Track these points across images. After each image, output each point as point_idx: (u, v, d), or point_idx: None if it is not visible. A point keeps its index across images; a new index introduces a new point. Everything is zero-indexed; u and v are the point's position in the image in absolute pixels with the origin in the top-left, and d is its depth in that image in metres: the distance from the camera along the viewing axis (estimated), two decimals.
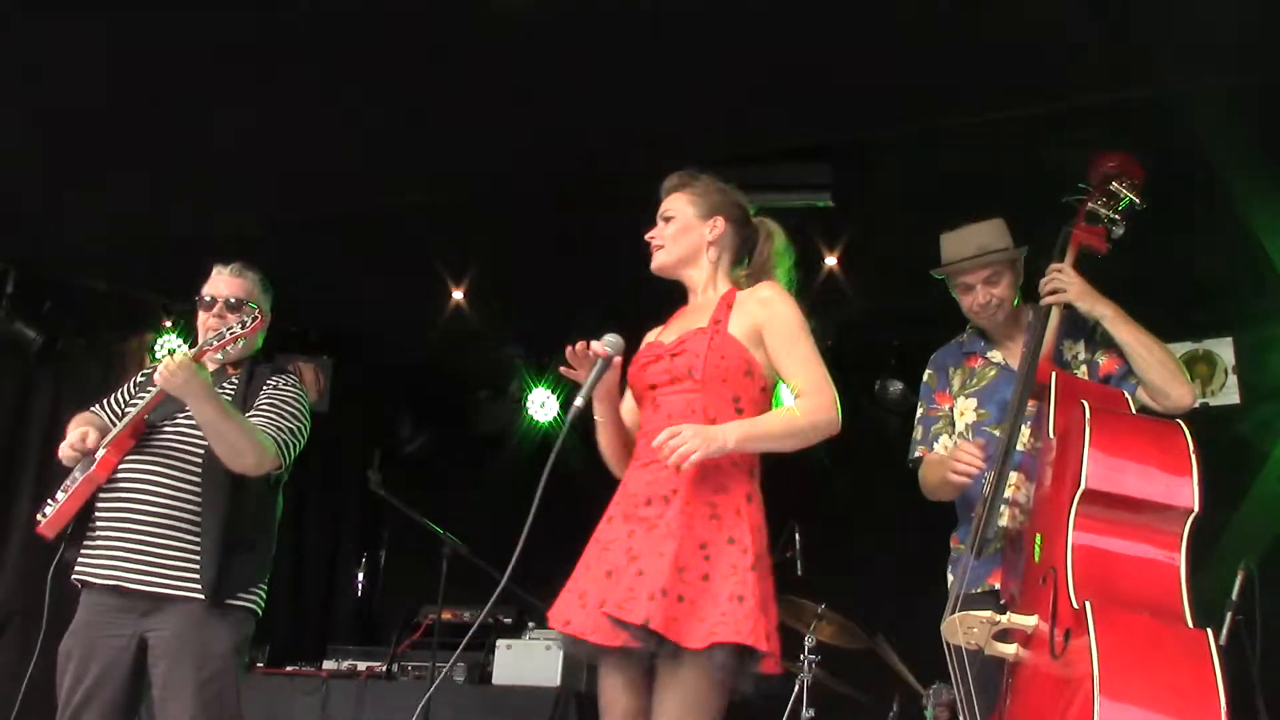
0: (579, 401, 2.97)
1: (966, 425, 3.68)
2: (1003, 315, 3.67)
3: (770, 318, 3.08)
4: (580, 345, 3.05)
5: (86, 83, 4.66)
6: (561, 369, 3.13)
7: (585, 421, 3.11)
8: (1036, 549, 2.99)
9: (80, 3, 4.20)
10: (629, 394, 3.26)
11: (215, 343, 3.54)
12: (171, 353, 3.57)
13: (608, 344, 3.05)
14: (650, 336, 3.31)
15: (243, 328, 3.56)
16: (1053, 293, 3.46)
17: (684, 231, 3.25)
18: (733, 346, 3.05)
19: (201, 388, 3.43)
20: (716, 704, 2.85)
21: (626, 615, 2.77)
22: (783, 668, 2.99)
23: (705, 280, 3.26)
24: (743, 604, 2.79)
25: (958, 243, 3.68)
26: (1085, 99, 4.43)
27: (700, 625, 2.78)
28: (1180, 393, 3.40)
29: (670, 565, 2.80)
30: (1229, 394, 6.25)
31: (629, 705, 2.94)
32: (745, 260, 3.32)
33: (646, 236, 3.30)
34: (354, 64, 4.50)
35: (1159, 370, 3.40)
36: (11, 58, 4.53)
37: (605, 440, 3.23)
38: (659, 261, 3.27)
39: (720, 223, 3.25)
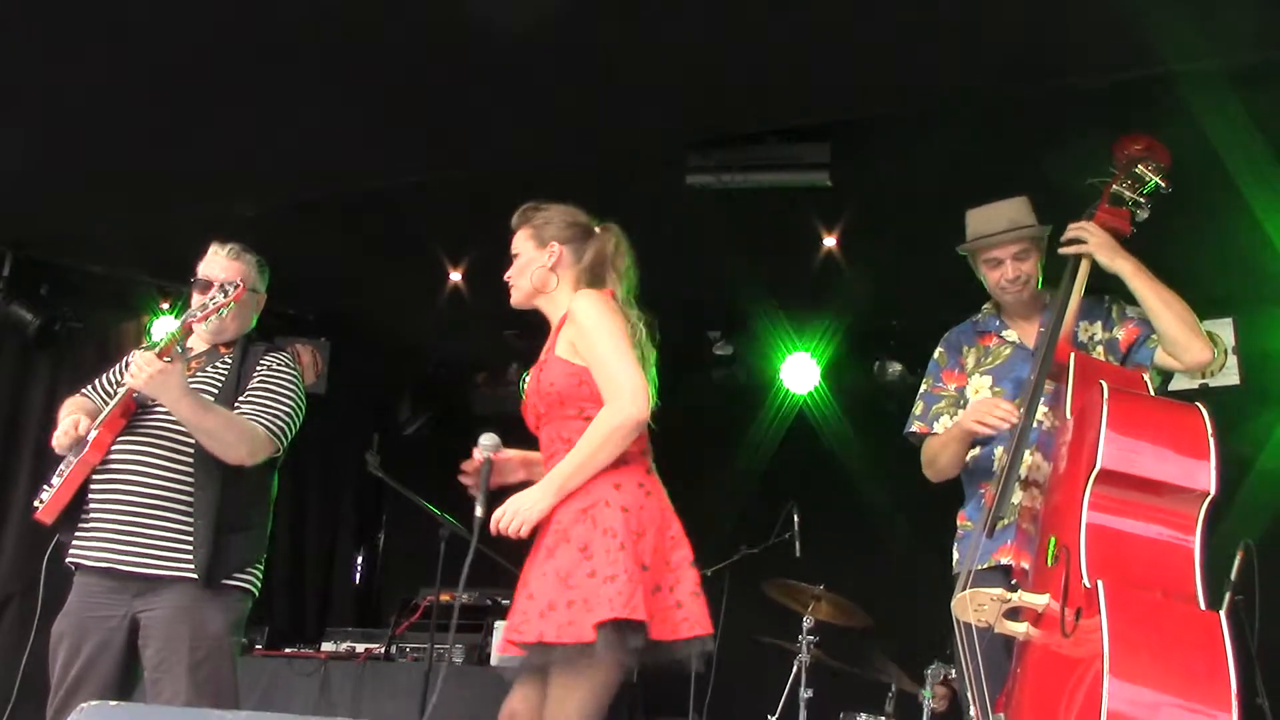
0: (479, 512, 3.22)
1: None
2: (1028, 293, 3.68)
3: (578, 331, 3.22)
4: (467, 462, 3.35)
5: (84, 66, 4.64)
6: (463, 479, 3.38)
7: None
8: (1052, 540, 2.98)
9: None
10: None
11: (199, 314, 3.55)
12: (149, 346, 3.55)
13: (484, 448, 3.32)
14: (528, 374, 3.48)
15: (225, 296, 3.55)
16: (1073, 242, 3.45)
17: (525, 266, 3.42)
18: (559, 368, 3.24)
19: (173, 385, 3.43)
20: (576, 685, 3.02)
21: (521, 637, 3.06)
22: (697, 630, 3.03)
23: (556, 307, 3.41)
24: (614, 581, 2.95)
25: (987, 218, 3.67)
26: (1086, 80, 4.41)
27: (590, 616, 2.96)
28: (1199, 346, 3.41)
29: (554, 580, 3.04)
30: (1229, 374, 6.24)
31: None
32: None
33: (505, 277, 3.48)
34: (352, 43, 4.47)
35: (1178, 325, 3.40)
36: (9, 45, 4.50)
37: None
38: (514, 300, 3.48)
39: (556, 248, 3.40)
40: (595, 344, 3.16)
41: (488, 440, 3.34)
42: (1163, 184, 3.50)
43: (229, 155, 5.33)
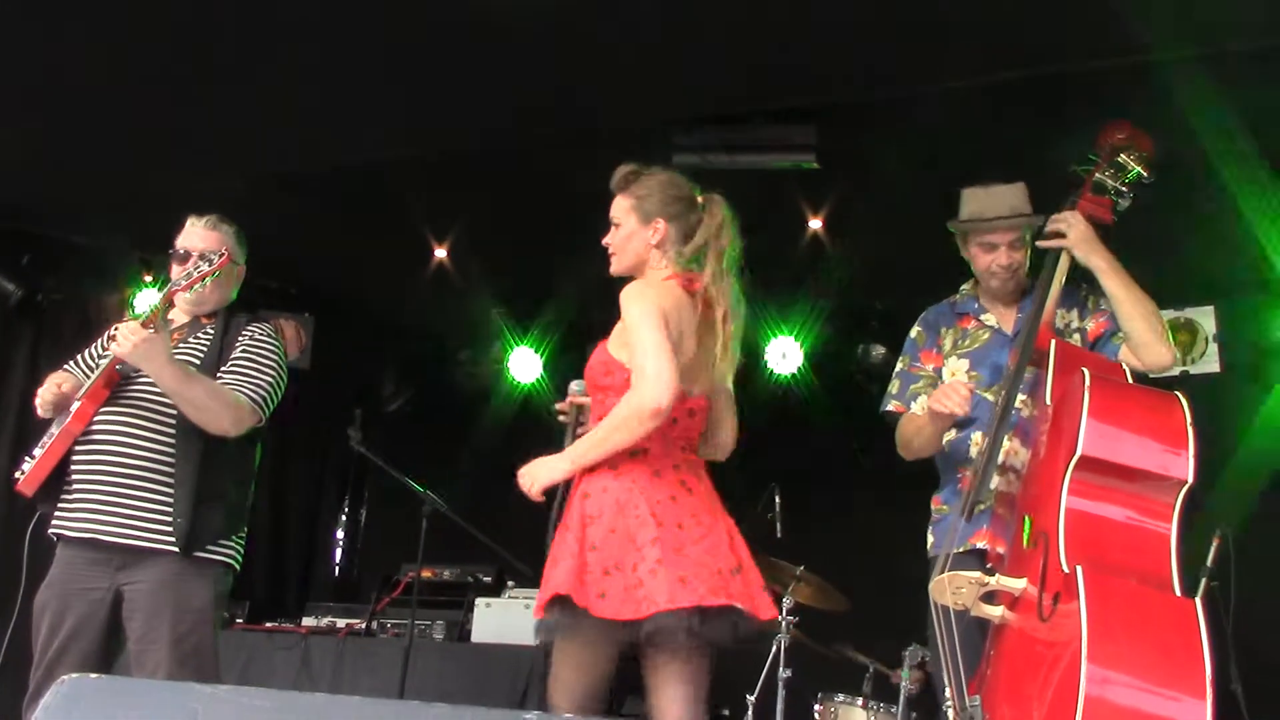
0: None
1: None
2: (1015, 282, 3.68)
3: (624, 321, 3.22)
4: (562, 403, 3.44)
5: (71, 40, 4.61)
6: (560, 418, 3.44)
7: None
8: (1027, 521, 3.00)
9: None
10: None
11: (183, 283, 3.55)
12: (133, 317, 3.55)
13: (575, 392, 3.41)
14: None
15: (210, 265, 3.54)
16: (1056, 235, 3.45)
17: (628, 240, 3.38)
18: (599, 356, 3.28)
19: (158, 354, 3.42)
20: (557, 660, 3.20)
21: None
22: (654, 608, 2.98)
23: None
24: (556, 566, 3.09)
25: (987, 200, 3.65)
26: (1075, 65, 4.41)
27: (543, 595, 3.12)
28: (1161, 350, 3.41)
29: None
30: (1209, 362, 6.27)
31: None
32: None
33: (603, 242, 3.42)
34: (346, 22, 4.45)
35: (1144, 326, 3.40)
36: None
37: None
38: (613, 270, 3.43)
39: (661, 225, 3.35)
40: (633, 336, 3.15)
41: (577, 385, 3.41)
42: (1145, 173, 3.49)
43: (217, 129, 5.30)
